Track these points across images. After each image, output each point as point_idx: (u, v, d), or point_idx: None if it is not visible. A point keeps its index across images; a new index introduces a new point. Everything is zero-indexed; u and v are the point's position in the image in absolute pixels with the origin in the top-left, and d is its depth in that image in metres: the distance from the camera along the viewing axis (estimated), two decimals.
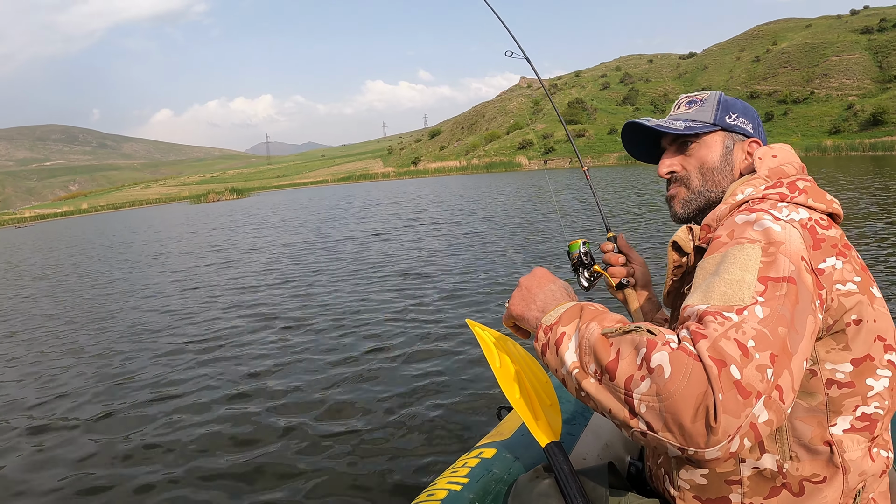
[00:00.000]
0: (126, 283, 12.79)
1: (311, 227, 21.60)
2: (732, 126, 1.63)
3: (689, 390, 0.99)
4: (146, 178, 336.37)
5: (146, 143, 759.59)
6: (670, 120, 1.67)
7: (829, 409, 1.29)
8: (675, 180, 1.68)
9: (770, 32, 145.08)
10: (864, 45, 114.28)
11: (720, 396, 0.98)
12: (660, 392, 1.01)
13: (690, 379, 1.00)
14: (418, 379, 5.50)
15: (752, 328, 1.06)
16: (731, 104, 1.65)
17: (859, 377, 1.29)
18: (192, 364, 6.65)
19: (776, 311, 1.10)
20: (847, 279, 1.28)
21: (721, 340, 1.03)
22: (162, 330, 8.38)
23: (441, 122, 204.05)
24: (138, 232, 30.00)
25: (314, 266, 12.43)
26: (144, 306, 10.07)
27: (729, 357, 1.01)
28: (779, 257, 1.18)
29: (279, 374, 6.06)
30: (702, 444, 1.00)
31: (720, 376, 0.99)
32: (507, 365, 1.82)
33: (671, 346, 1.05)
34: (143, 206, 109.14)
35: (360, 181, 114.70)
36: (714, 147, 1.62)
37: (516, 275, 9.53)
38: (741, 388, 0.99)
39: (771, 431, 1.06)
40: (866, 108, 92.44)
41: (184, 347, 7.36)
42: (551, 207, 20.41)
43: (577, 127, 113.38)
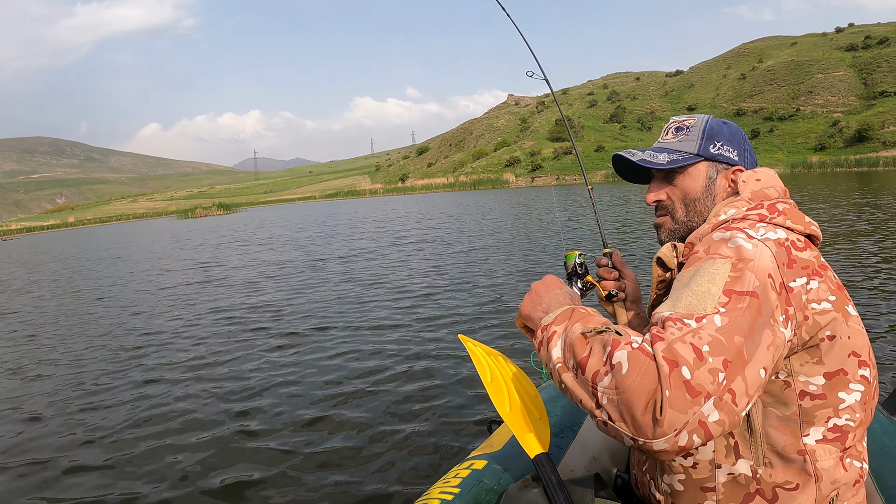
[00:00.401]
0: (109, 301, 12.04)
1: (299, 244, 21.27)
2: (716, 156, 1.67)
3: (641, 385, 1.09)
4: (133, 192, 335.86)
5: (134, 156, 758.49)
6: (655, 151, 1.72)
7: (802, 420, 1.36)
8: (662, 208, 1.74)
9: (756, 50, 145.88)
10: (849, 62, 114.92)
11: (667, 393, 1.07)
12: (618, 386, 1.12)
13: (644, 376, 1.10)
14: (411, 393, 5.53)
15: (708, 335, 1.15)
16: (716, 132, 1.69)
17: (831, 390, 1.36)
18: (175, 385, 6.40)
19: (734, 321, 1.18)
20: (822, 298, 1.35)
21: (676, 343, 1.12)
22: (143, 349, 8.07)
23: (429, 139, 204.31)
24: (125, 247, 29.20)
25: (302, 284, 12.11)
26: (126, 326, 9.66)
27: (682, 359, 1.10)
28: (746, 273, 1.25)
29: (268, 393, 5.93)
30: (649, 434, 1.09)
31: (670, 375, 1.08)
32: (498, 379, 1.90)
33: (632, 346, 1.15)
34: (130, 221, 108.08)
35: (347, 197, 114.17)
36: (697, 178, 1.67)
37: (510, 290, 9.62)
38: (690, 387, 1.08)
39: (723, 431, 1.12)
40: (851, 124, 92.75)
41: (166, 368, 7.06)
42: (543, 224, 20.18)
43: (565, 144, 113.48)
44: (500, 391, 1.87)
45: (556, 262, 12.11)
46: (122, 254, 25.06)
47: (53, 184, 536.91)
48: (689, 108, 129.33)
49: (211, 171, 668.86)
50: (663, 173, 1.73)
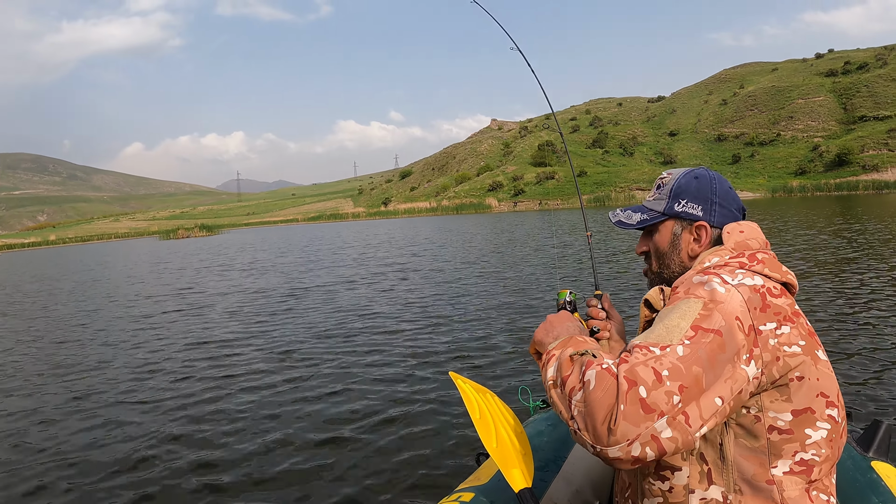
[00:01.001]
0: (82, 330, 11.44)
1: (281, 270, 20.59)
2: (680, 213, 1.82)
3: (603, 400, 1.27)
4: (115, 212, 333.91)
5: (116, 175, 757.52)
6: (633, 211, 1.94)
7: (771, 452, 1.48)
8: (647, 258, 1.94)
9: (737, 76, 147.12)
10: (828, 87, 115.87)
11: (622, 407, 1.25)
12: (585, 400, 1.31)
13: (606, 391, 1.28)
14: (401, 427, 5.46)
15: (669, 361, 1.31)
16: (683, 189, 1.84)
17: (799, 426, 1.47)
18: (134, 428, 5.91)
19: (695, 353, 1.33)
20: (793, 342, 1.47)
21: (639, 366, 1.30)
22: (108, 382, 7.52)
23: (412, 163, 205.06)
24: (104, 268, 28.50)
25: (283, 314, 11.53)
26: (95, 357, 9.00)
27: (640, 379, 1.28)
28: (714, 313, 1.40)
29: (249, 430, 5.64)
30: (604, 443, 1.26)
31: (628, 392, 1.26)
32: (486, 416, 2.01)
33: (601, 367, 1.33)
34: (111, 240, 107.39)
35: (330, 221, 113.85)
36: (664, 234, 1.85)
37: (497, 324, 9.35)
38: (645, 404, 1.25)
39: (677, 448, 1.29)
40: (831, 149, 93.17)
41: (128, 407, 6.51)
42: (528, 254, 19.54)
43: (548, 169, 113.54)
44: (488, 427, 1.96)
45: (544, 294, 11.85)
46: (101, 276, 24.26)
47: (35, 201, 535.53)
48: (670, 133, 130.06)
49: (193, 191, 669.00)
50: (646, 229, 1.92)
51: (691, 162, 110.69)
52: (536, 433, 2.56)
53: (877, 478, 2.14)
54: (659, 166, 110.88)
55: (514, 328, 8.95)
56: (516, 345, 7.95)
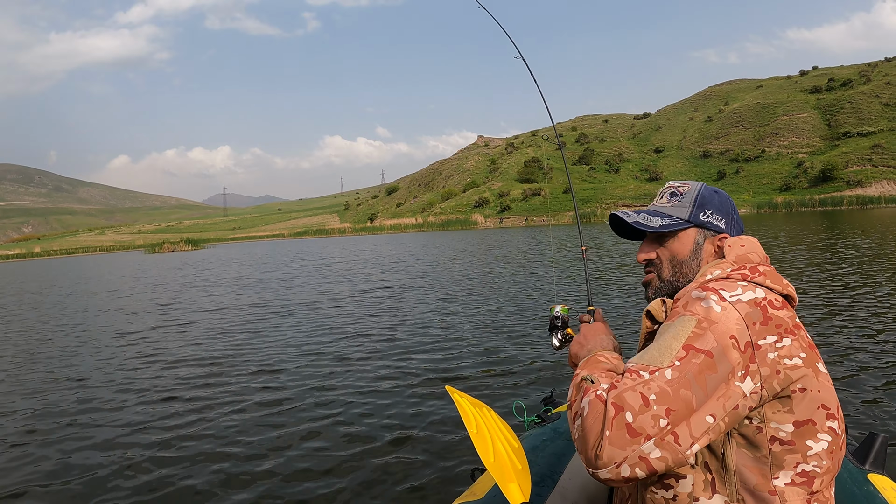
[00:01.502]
0: (54, 345, 10.95)
1: (266, 285, 20.10)
2: (705, 223, 1.80)
3: (593, 427, 1.35)
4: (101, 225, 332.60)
5: (102, 188, 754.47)
6: (649, 214, 1.86)
7: (773, 463, 1.49)
8: (651, 266, 1.87)
9: (722, 93, 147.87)
10: (813, 104, 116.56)
11: (607, 433, 1.32)
12: (581, 426, 1.38)
13: (595, 418, 1.35)
14: (394, 442, 5.35)
15: (657, 386, 1.36)
16: (707, 200, 1.83)
17: (800, 438, 1.48)
18: (123, 443, 5.62)
19: (683, 376, 1.38)
20: (794, 354, 1.48)
21: (626, 392, 1.36)
22: (79, 404, 7.02)
23: (398, 179, 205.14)
24: (88, 282, 27.97)
25: (268, 332, 10.98)
26: (67, 376, 8.47)
27: (627, 405, 1.34)
28: (707, 333, 1.43)
29: (241, 444, 5.45)
30: (594, 466, 1.34)
31: (614, 419, 1.33)
32: (483, 430, 2.00)
33: (595, 394, 1.40)
34: (96, 253, 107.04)
35: (316, 236, 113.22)
36: (686, 242, 1.80)
37: (489, 343, 9.03)
38: (631, 429, 1.31)
39: (668, 467, 1.35)
40: (816, 164, 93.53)
41: (95, 434, 5.97)
42: (517, 271, 19.16)
43: (533, 186, 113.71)
44: (485, 442, 1.95)
45: (536, 310, 11.61)
46: (82, 290, 23.63)
47: (20, 212, 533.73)
48: (656, 150, 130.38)
49: (179, 205, 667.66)
50: (655, 235, 1.85)
51: (677, 178, 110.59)
52: (532, 448, 2.53)
53: (873, 490, 2.17)
54: (644, 183, 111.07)
55: (507, 345, 8.74)
56: (510, 361, 7.78)
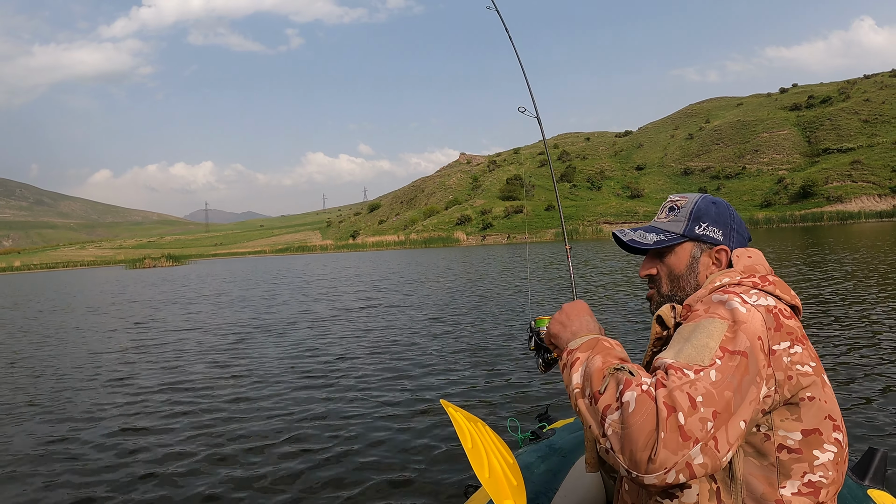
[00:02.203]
0: (19, 368, 10.04)
1: (247, 302, 19.33)
2: (701, 236, 1.81)
3: (643, 425, 1.26)
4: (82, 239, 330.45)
5: (84, 202, 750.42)
6: (646, 231, 1.88)
7: (780, 472, 1.48)
8: (652, 282, 1.89)
9: (703, 111, 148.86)
10: (793, 121, 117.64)
11: (663, 435, 1.24)
12: (623, 422, 1.28)
13: (646, 417, 1.26)
14: (387, 457, 5.18)
15: (703, 387, 1.31)
16: (703, 213, 1.83)
17: (808, 447, 1.48)
18: (87, 474, 5.12)
19: (726, 378, 1.34)
20: (805, 362, 1.48)
21: (676, 391, 1.29)
22: (43, 434, 6.28)
23: (381, 196, 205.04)
24: (65, 297, 27.10)
25: (247, 354, 10.13)
26: (34, 405, 7.53)
27: (678, 405, 1.27)
28: (739, 334, 1.41)
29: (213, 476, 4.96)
30: (642, 469, 1.26)
31: (668, 419, 1.25)
32: (479, 445, 1.95)
33: (641, 389, 1.31)
34: (77, 268, 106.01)
35: (298, 253, 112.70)
36: (682, 257, 1.81)
37: (477, 359, 8.83)
38: (683, 432, 1.25)
39: (706, 473, 1.29)
40: (796, 181, 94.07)
41: (69, 464, 5.39)
42: (502, 290, 18.80)
43: (515, 203, 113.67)
44: (480, 457, 1.90)
45: (521, 323, 11.48)
46: (58, 306, 22.74)
47: (1, 225, 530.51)
48: (637, 167, 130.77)
49: (161, 220, 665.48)
50: (655, 251, 1.87)
51: (658, 196, 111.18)
52: (526, 465, 2.50)
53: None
54: (626, 200, 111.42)
55: (498, 361, 8.52)
56: (502, 378, 7.55)
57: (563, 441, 2.78)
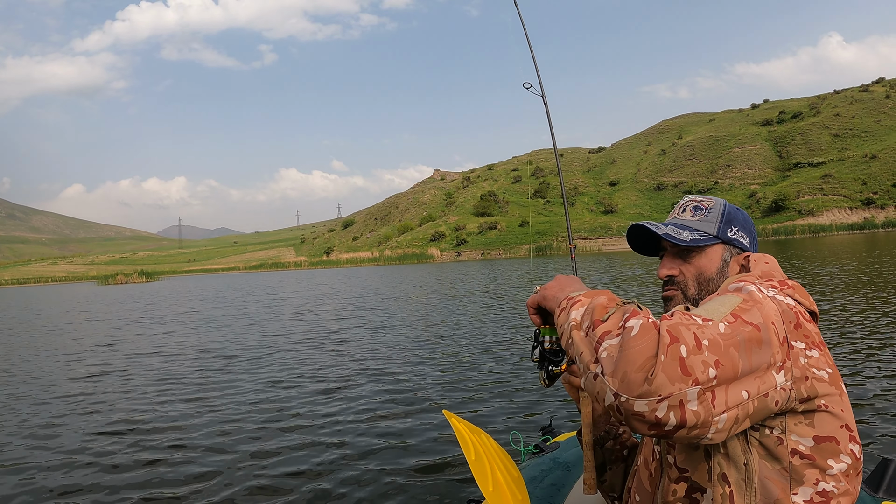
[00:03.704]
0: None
1: (219, 323, 17.91)
2: (732, 240, 1.73)
3: (643, 347, 1.18)
4: (54, 254, 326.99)
5: (56, 217, 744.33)
6: (677, 227, 1.75)
7: (792, 478, 1.41)
8: (673, 283, 1.77)
9: (675, 127, 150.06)
10: (764, 136, 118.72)
11: (662, 358, 1.16)
12: (622, 344, 1.21)
13: (647, 340, 1.19)
14: (387, 471, 5.02)
15: (711, 333, 1.24)
16: (733, 217, 1.76)
17: (821, 454, 1.41)
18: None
19: (735, 335, 1.26)
20: (822, 367, 1.41)
21: (681, 326, 1.22)
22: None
23: (355, 213, 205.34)
24: (31, 315, 26.12)
25: (218, 381, 9.01)
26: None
27: (682, 338, 1.19)
28: (753, 309, 1.34)
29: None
30: (634, 392, 1.17)
31: (669, 346, 1.18)
32: (482, 458, 1.86)
33: (647, 319, 1.24)
34: (48, 284, 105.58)
35: (272, 269, 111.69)
36: (714, 259, 1.73)
37: (473, 372, 8.59)
38: (683, 364, 1.17)
39: (696, 424, 1.20)
40: (768, 195, 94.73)
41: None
42: (481, 307, 18.36)
43: (489, 219, 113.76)
44: (484, 470, 1.82)
45: (513, 338, 11.22)
46: (21, 325, 21.63)
47: None
48: (611, 183, 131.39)
49: (134, 236, 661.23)
50: (678, 249, 1.76)
51: (632, 211, 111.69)
52: (530, 479, 2.44)
53: None
54: (600, 215, 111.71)
55: (498, 375, 8.28)
56: (503, 391, 7.32)
57: (567, 455, 2.67)
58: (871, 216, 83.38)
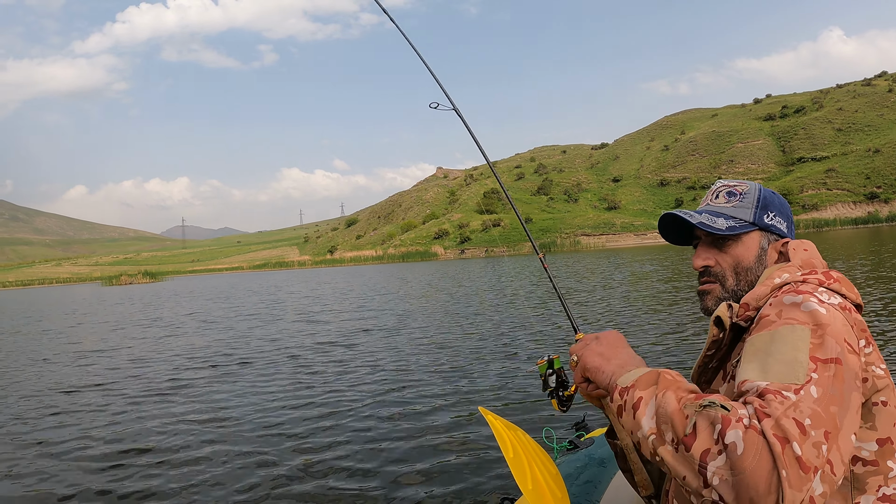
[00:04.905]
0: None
1: (226, 325, 17.24)
2: (769, 226, 1.64)
3: (759, 467, 1.08)
4: (58, 256, 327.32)
5: (59, 218, 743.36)
6: (712, 215, 1.66)
7: (853, 486, 1.35)
8: (709, 275, 1.68)
9: (678, 122, 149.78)
10: (767, 131, 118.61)
11: (784, 472, 1.08)
12: (733, 467, 1.10)
13: (760, 457, 1.09)
14: (415, 472, 4.96)
15: (808, 407, 1.16)
16: (769, 202, 1.66)
17: (882, 457, 1.35)
18: None
19: (827, 391, 1.19)
20: (877, 363, 1.36)
21: (783, 419, 1.13)
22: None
23: (358, 211, 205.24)
24: (32, 319, 25.51)
25: (223, 389, 8.42)
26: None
27: (789, 435, 1.11)
28: (826, 339, 1.26)
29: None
30: None
31: (784, 453, 1.09)
32: (520, 455, 1.82)
33: (744, 424, 1.13)
34: (53, 285, 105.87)
35: (276, 269, 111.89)
36: (751, 247, 1.64)
37: (503, 367, 8.55)
38: (802, 463, 1.09)
39: (826, 494, 1.14)
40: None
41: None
42: (512, 298, 18.36)
43: (493, 217, 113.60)
44: (522, 467, 1.78)
45: (543, 335, 11.10)
46: (23, 328, 21.19)
47: None
48: (614, 179, 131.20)
49: (138, 237, 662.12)
50: (712, 238, 1.67)
51: (635, 207, 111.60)
52: (566, 475, 2.37)
53: None
54: (603, 212, 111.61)
55: (520, 371, 8.19)
56: (532, 388, 7.26)
57: (602, 451, 2.63)
58: (875, 210, 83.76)
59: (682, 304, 13.79)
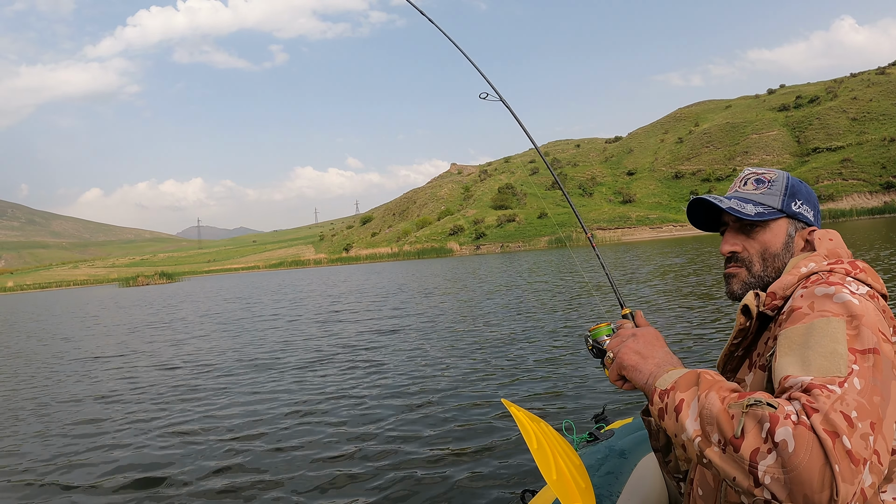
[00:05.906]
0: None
1: (241, 327, 16.93)
2: (797, 213, 1.68)
3: (811, 463, 1.08)
4: (75, 258, 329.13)
5: (75, 221, 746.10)
6: (741, 201, 1.69)
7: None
8: (736, 260, 1.71)
9: (692, 114, 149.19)
10: (781, 121, 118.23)
11: (836, 467, 1.07)
12: (785, 465, 1.10)
13: (812, 455, 1.08)
14: (436, 460, 5.10)
15: (853, 399, 1.16)
16: (797, 190, 1.70)
17: None
18: None
19: (869, 382, 1.19)
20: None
21: (831, 413, 1.12)
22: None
23: (372, 209, 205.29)
24: (48, 322, 25.79)
25: (244, 400, 7.87)
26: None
27: (838, 429, 1.10)
28: (862, 329, 1.27)
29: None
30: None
31: (835, 447, 1.08)
32: (544, 446, 1.83)
33: (792, 421, 1.12)
34: (70, 287, 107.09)
35: (292, 268, 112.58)
36: (779, 234, 1.67)
37: (525, 359, 8.78)
38: (852, 456, 1.09)
39: (874, 493, 1.17)
40: None
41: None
42: (533, 291, 18.56)
43: (508, 212, 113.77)
44: (547, 458, 1.79)
45: (569, 327, 11.37)
46: (37, 332, 21.25)
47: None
48: (629, 172, 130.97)
49: (153, 238, 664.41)
50: (740, 224, 1.71)
51: (650, 200, 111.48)
52: (588, 467, 2.32)
53: None
54: (618, 206, 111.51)
55: (547, 363, 8.42)
56: (553, 380, 7.44)
57: (623, 442, 2.68)
58: (891, 200, 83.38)
59: (709, 297, 13.82)
